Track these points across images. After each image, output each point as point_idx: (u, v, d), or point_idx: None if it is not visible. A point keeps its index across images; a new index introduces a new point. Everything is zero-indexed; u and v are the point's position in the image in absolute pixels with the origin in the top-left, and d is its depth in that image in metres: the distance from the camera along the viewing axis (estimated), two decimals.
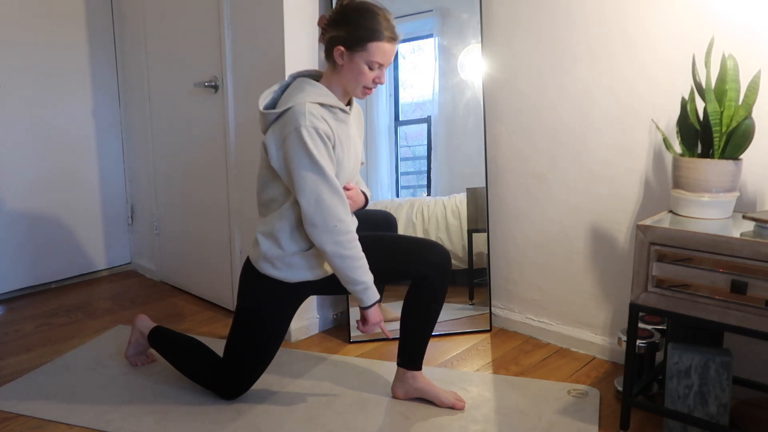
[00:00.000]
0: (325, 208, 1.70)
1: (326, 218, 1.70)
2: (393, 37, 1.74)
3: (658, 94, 2.06)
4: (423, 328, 1.91)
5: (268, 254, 1.81)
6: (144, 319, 2.19)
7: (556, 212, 2.38)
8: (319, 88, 1.76)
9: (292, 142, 1.69)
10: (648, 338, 1.95)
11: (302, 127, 1.67)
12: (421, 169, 2.55)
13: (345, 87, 1.79)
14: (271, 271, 1.81)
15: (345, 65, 1.75)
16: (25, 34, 2.90)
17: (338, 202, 1.71)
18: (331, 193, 1.70)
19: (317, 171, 1.68)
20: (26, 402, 1.97)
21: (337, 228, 1.71)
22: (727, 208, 1.76)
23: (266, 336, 1.88)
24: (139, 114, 3.18)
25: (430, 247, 1.87)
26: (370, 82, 1.76)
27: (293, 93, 1.75)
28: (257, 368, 1.92)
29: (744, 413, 1.80)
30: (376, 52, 1.72)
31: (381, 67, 1.75)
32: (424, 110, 2.52)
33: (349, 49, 1.72)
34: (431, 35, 2.47)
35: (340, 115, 1.78)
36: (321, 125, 1.69)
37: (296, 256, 1.80)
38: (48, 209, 3.06)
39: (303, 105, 1.69)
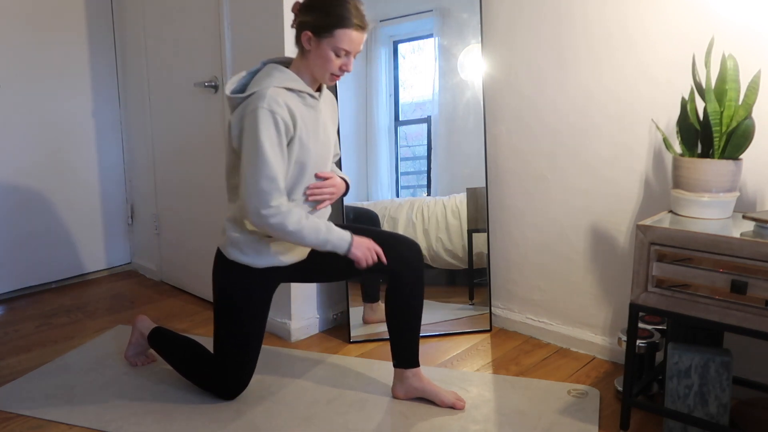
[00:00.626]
0: (258, 193, 1.69)
1: (258, 204, 1.69)
2: (361, 25, 1.74)
3: (658, 94, 2.06)
4: (409, 325, 1.92)
5: (235, 239, 1.81)
6: (144, 320, 2.19)
7: (556, 212, 2.38)
8: (286, 73, 1.77)
9: (248, 122, 1.70)
10: (648, 338, 1.95)
11: (259, 109, 1.68)
12: (421, 169, 2.55)
13: (312, 73, 1.80)
14: (239, 256, 1.82)
15: (312, 51, 1.75)
16: (26, 34, 2.90)
17: (273, 189, 1.69)
18: (267, 180, 1.69)
19: (260, 154, 1.68)
20: (26, 402, 1.97)
21: (265, 214, 1.70)
22: (727, 208, 1.76)
23: (243, 324, 1.87)
24: (139, 114, 3.18)
25: (400, 242, 1.89)
26: (336, 69, 1.76)
27: (261, 78, 1.76)
28: (244, 360, 1.90)
29: (744, 413, 1.80)
30: (344, 39, 1.72)
31: (348, 54, 1.76)
32: (424, 110, 2.52)
33: (316, 35, 1.73)
34: (431, 35, 2.47)
35: (309, 100, 1.79)
36: (280, 110, 1.69)
37: (264, 241, 1.81)
38: (48, 209, 3.06)
39: (266, 89, 1.71)
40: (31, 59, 2.93)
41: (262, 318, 1.91)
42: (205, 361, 1.97)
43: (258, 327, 1.91)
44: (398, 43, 2.48)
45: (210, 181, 2.78)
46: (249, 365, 1.93)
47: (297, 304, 2.46)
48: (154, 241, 3.24)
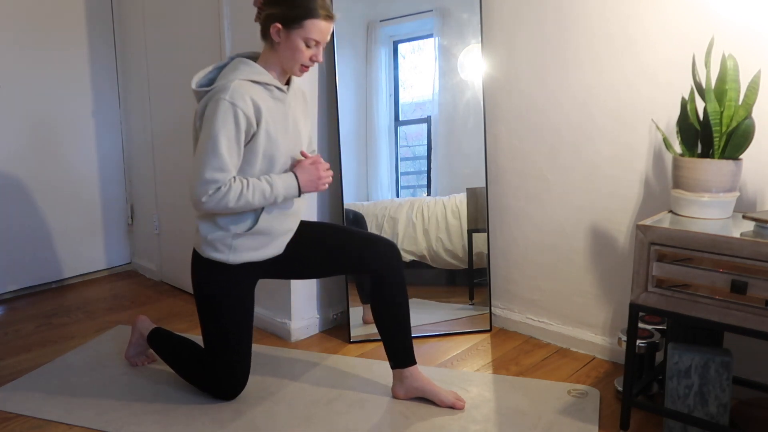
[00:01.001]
0: (205, 182, 1.69)
1: (201, 192, 1.70)
2: (329, 15, 1.76)
3: (658, 94, 2.06)
4: (399, 324, 1.92)
5: (209, 237, 1.81)
6: (144, 320, 2.19)
7: (556, 212, 2.38)
8: (253, 66, 1.77)
9: (209, 111, 1.71)
10: (648, 338, 1.95)
11: (220, 100, 1.68)
12: (421, 169, 2.55)
13: (282, 65, 1.80)
14: (214, 254, 1.82)
15: (282, 43, 1.76)
16: (25, 34, 2.90)
17: (219, 180, 1.69)
18: (215, 171, 1.69)
19: (213, 146, 1.68)
20: (26, 402, 1.97)
21: (205, 201, 1.70)
22: (727, 208, 1.76)
23: (227, 322, 1.87)
24: (139, 114, 3.18)
25: (377, 242, 1.90)
26: (306, 59, 1.77)
27: (228, 72, 1.76)
28: (234, 359, 1.90)
29: (744, 413, 1.80)
30: (313, 29, 1.73)
31: (317, 44, 1.77)
32: (424, 110, 2.52)
33: (285, 27, 1.73)
34: (431, 35, 2.47)
35: (276, 93, 1.79)
36: (242, 104, 1.69)
37: (239, 237, 1.81)
38: (48, 209, 3.06)
39: (231, 82, 1.71)
40: (31, 59, 2.93)
41: (245, 314, 1.91)
42: (202, 363, 1.97)
43: (242, 324, 1.90)
44: (398, 43, 2.48)
45: None
46: (240, 364, 1.92)
47: (297, 304, 2.46)
48: (154, 241, 3.24)
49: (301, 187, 1.81)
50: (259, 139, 1.75)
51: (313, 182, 1.83)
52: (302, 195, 1.85)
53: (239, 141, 1.72)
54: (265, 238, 1.84)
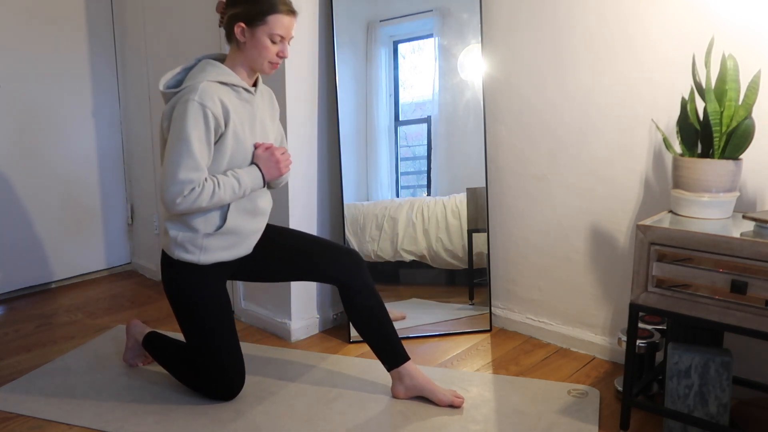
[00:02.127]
0: (179, 183, 1.69)
1: (176, 193, 1.70)
2: (291, 10, 1.78)
3: (658, 94, 2.06)
4: (378, 326, 1.93)
5: (178, 238, 1.82)
6: (137, 325, 2.18)
7: (556, 212, 2.38)
8: (220, 68, 1.79)
9: (177, 113, 1.71)
10: (648, 338, 1.95)
11: (189, 101, 1.69)
12: (421, 169, 2.55)
13: (251, 64, 1.81)
14: (184, 255, 1.82)
15: (247, 42, 1.77)
16: (25, 34, 2.90)
17: (193, 179, 1.70)
18: (189, 171, 1.69)
19: (185, 146, 1.69)
20: (26, 402, 1.97)
21: (180, 202, 1.71)
22: (727, 208, 1.76)
23: (205, 322, 1.87)
24: (139, 114, 3.18)
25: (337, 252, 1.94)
26: (274, 56, 1.79)
27: (195, 74, 1.77)
28: (221, 358, 1.89)
29: (744, 413, 1.80)
30: (276, 24, 1.75)
31: (282, 40, 1.78)
32: (424, 110, 2.52)
33: (249, 25, 1.75)
34: (431, 35, 2.47)
35: (244, 94, 1.81)
36: (210, 104, 1.70)
37: (209, 237, 1.81)
38: (48, 209, 3.06)
39: (198, 83, 1.72)
40: (31, 59, 2.93)
41: (223, 312, 1.90)
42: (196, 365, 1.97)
43: (221, 322, 1.90)
44: (398, 43, 2.48)
45: None
46: (229, 362, 1.91)
47: (297, 304, 2.46)
48: (154, 241, 3.24)
49: (265, 176, 1.84)
50: (226, 140, 1.76)
51: (272, 168, 1.84)
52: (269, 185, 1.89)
53: (209, 141, 1.73)
54: (235, 238, 1.85)
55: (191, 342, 1.91)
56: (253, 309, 2.64)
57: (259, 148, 1.84)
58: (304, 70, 2.37)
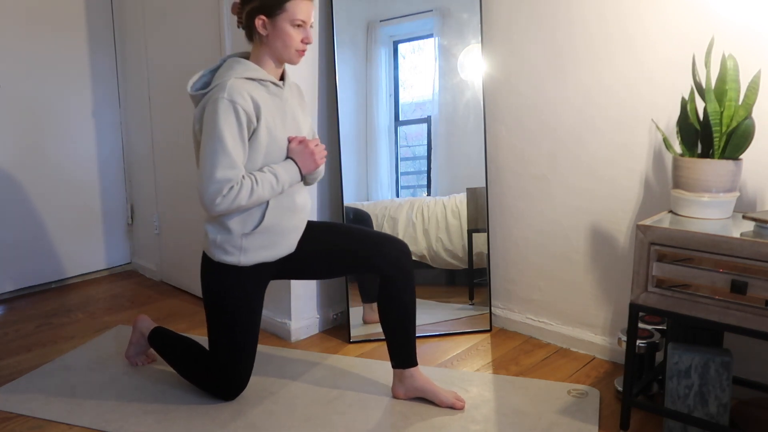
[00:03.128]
0: (216, 182, 1.69)
1: (215, 193, 1.69)
2: None
3: (658, 94, 2.06)
4: (403, 324, 1.92)
5: (217, 240, 1.81)
6: (145, 320, 2.19)
7: (556, 212, 2.38)
8: (247, 64, 1.78)
9: (208, 112, 1.71)
10: (648, 338, 1.95)
11: (220, 99, 1.69)
12: (421, 169, 2.55)
13: (277, 56, 1.81)
14: (224, 256, 1.82)
15: (270, 33, 1.77)
16: (26, 34, 2.90)
17: (231, 177, 1.70)
18: (226, 169, 1.69)
19: (220, 144, 1.68)
20: (26, 402, 1.97)
21: (219, 202, 1.70)
22: (727, 208, 1.76)
23: (236, 324, 1.87)
24: (139, 114, 3.18)
25: (388, 241, 1.89)
26: (299, 43, 1.78)
27: (222, 73, 1.77)
28: (239, 360, 1.90)
29: (744, 413, 1.80)
30: (296, 9, 1.74)
31: (304, 24, 1.78)
32: (424, 110, 2.52)
33: (269, 16, 1.74)
34: (431, 35, 2.47)
35: (272, 88, 1.80)
36: (241, 101, 1.70)
37: (247, 237, 1.81)
38: (48, 209, 3.06)
39: (227, 81, 1.71)
40: (31, 59, 2.93)
41: (255, 317, 1.91)
42: (204, 362, 1.97)
43: (251, 326, 1.90)
44: (398, 43, 2.48)
45: None
46: (245, 365, 1.92)
47: (297, 304, 2.46)
48: (154, 241, 3.24)
49: (302, 169, 1.82)
50: (260, 135, 1.75)
51: (308, 160, 1.83)
52: (306, 180, 1.88)
53: (243, 138, 1.72)
54: (274, 236, 1.83)
55: (214, 340, 1.90)
56: None
57: (292, 141, 1.83)
58: (305, 70, 2.37)
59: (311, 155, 1.83)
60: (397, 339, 1.93)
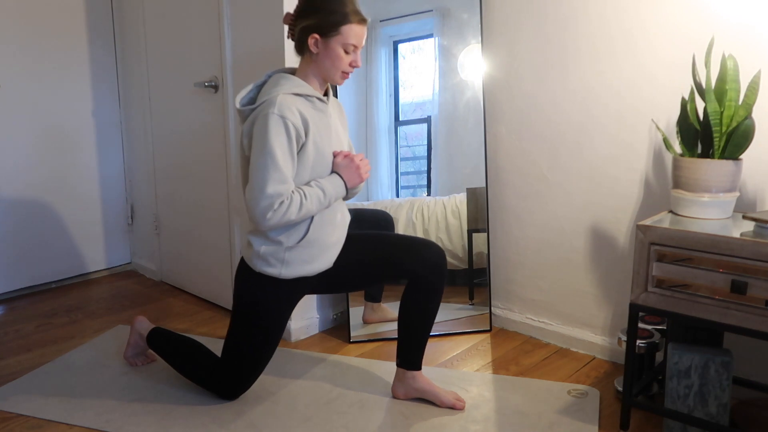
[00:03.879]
0: (268, 197, 1.69)
1: (266, 208, 1.69)
2: (362, 19, 1.77)
3: (658, 93, 2.06)
4: (421, 328, 1.91)
5: (261, 251, 1.81)
6: (143, 321, 2.19)
7: (556, 212, 2.38)
8: (293, 80, 1.78)
9: (258, 127, 1.71)
10: (648, 338, 1.95)
11: (270, 114, 1.69)
12: (421, 169, 2.55)
13: (323, 75, 1.81)
14: (266, 268, 1.81)
15: (321, 52, 1.77)
16: (26, 34, 2.90)
17: (282, 192, 1.70)
18: (277, 184, 1.69)
19: (270, 159, 1.68)
20: (26, 402, 1.97)
21: (270, 217, 1.70)
22: (727, 208, 1.76)
23: (264, 335, 1.88)
24: (139, 114, 3.18)
25: (426, 246, 1.88)
26: (347, 65, 1.79)
27: (269, 88, 1.77)
28: (256, 368, 1.92)
29: (744, 413, 1.80)
30: (350, 34, 1.75)
31: (356, 49, 1.78)
32: (424, 110, 2.52)
33: (323, 36, 1.75)
34: (431, 35, 2.47)
35: (318, 104, 1.80)
36: (290, 115, 1.70)
37: (291, 250, 1.80)
38: (48, 209, 3.06)
39: (276, 97, 1.72)
40: (31, 59, 2.93)
41: (282, 328, 1.91)
42: (207, 362, 1.97)
43: (276, 338, 1.91)
44: (398, 43, 2.48)
45: (210, 181, 2.79)
46: (258, 373, 1.94)
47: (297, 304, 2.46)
48: (154, 241, 3.24)
49: (347, 184, 1.83)
50: (307, 150, 1.76)
51: (354, 174, 1.83)
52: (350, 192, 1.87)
53: (293, 152, 1.73)
54: (316, 251, 1.83)
55: (233, 343, 1.90)
56: None
57: (338, 156, 1.84)
58: None
59: (357, 169, 1.83)
60: (409, 341, 1.93)
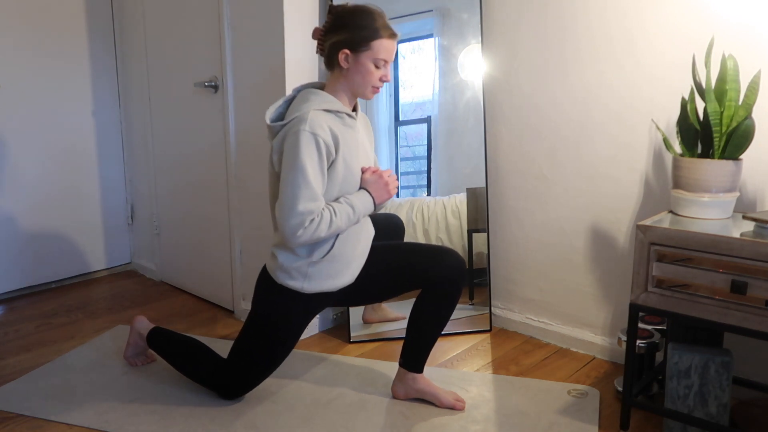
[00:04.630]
0: (298, 214, 1.69)
1: (297, 225, 1.69)
2: (393, 33, 1.78)
3: (658, 93, 2.06)
4: (431, 332, 1.91)
5: (285, 265, 1.81)
6: (142, 321, 2.19)
7: (556, 212, 2.38)
8: (323, 96, 1.78)
9: (289, 144, 1.71)
10: (648, 338, 1.95)
11: (301, 131, 1.69)
12: (421, 169, 2.55)
13: (353, 90, 1.81)
14: (288, 281, 1.81)
15: (351, 68, 1.77)
16: (26, 34, 2.90)
17: (312, 209, 1.70)
18: (307, 201, 1.69)
19: (301, 176, 1.68)
20: (26, 402, 1.97)
21: (301, 234, 1.70)
22: (727, 208, 1.76)
23: (278, 346, 1.88)
24: (139, 114, 3.18)
25: (445, 253, 1.88)
26: (377, 80, 1.79)
27: (299, 104, 1.77)
28: (264, 374, 1.93)
29: (744, 413, 1.80)
30: (380, 49, 1.75)
31: (386, 64, 1.79)
32: (424, 110, 2.52)
33: (354, 51, 1.75)
34: (431, 35, 2.47)
35: (348, 120, 1.80)
36: (321, 132, 1.70)
37: (315, 265, 1.80)
38: (48, 209, 3.06)
39: (307, 113, 1.71)
40: (31, 59, 2.93)
41: (296, 340, 1.92)
42: (208, 360, 1.97)
43: (290, 348, 1.92)
44: (398, 43, 2.48)
45: (210, 180, 2.79)
46: (266, 377, 1.95)
47: None
48: (154, 241, 3.24)
49: (375, 200, 1.82)
50: (337, 167, 1.75)
51: (382, 191, 1.83)
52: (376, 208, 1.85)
53: (323, 170, 1.72)
54: (340, 266, 1.82)
55: (244, 349, 1.90)
56: None
57: (366, 172, 1.83)
58: (305, 70, 2.37)
59: (385, 186, 1.83)
60: (416, 343, 1.93)
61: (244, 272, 2.67)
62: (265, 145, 2.44)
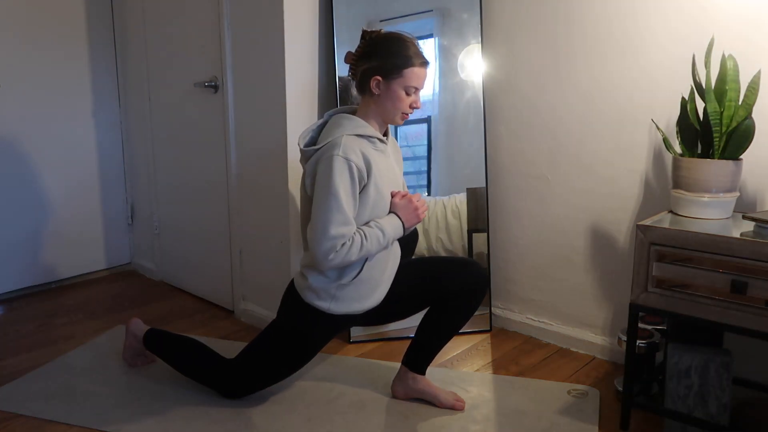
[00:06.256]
0: (331, 239, 1.70)
1: (328, 249, 1.70)
2: (424, 62, 1.79)
3: (658, 94, 2.06)
4: (440, 337, 1.93)
5: (314, 285, 1.82)
6: (137, 323, 2.18)
7: (556, 212, 2.38)
8: (355, 121, 1.79)
9: (322, 168, 1.72)
10: (648, 338, 1.95)
11: (335, 156, 1.70)
12: (421, 169, 2.55)
13: (383, 116, 1.82)
14: (316, 301, 1.82)
15: (382, 94, 1.78)
16: (26, 34, 2.90)
17: (344, 234, 1.71)
18: (340, 226, 1.70)
19: (334, 201, 1.69)
20: (26, 402, 1.97)
21: (332, 258, 1.71)
22: (727, 208, 1.76)
23: (296, 359, 1.90)
24: (139, 114, 3.18)
25: (468, 264, 1.89)
26: (407, 107, 1.80)
27: (331, 129, 1.78)
28: (274, 382, 1.95)
29: (744, 413, 1.80)
30: (412, 77, 1.77)
31: (416, 91, 1.80)
32: (424, 110, 2.51)
33: (385, 78, 1.76)
34: (431, 35, 2.47)
35: (379, 145, 1.82)
36: (354, 158, 1.71)
37: (342, 287, 1.81)
38: (48, 209, 3.06)
39: (340, 138, 1.73)
40: (31, 59, 2.93)
41: (314, 356, 1.93)
42: (207, 358, 1.98)
43: (305, 362, 1.93)
44: None
45: (210, 180, 2.79)
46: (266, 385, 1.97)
47: None
48: (154, 241, 3.24)
49: (405, 224, 1.82)
50: (369, 191, 1.76)
51: (411, 215, 1.84)
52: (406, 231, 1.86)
53: (355, 194, 1.74)
54: (367, 288, 1.83)
55: (259, 356, 1.90)
56: (253, 309, 2.64)
57: (395, 196, 1.84)
58: (305, 70, 2.37)
59: (415, 210, 1.84)
60: (424, 345, 1.94)
61: (244, 272, 2.67)
62: (265, 145, 2.45)
